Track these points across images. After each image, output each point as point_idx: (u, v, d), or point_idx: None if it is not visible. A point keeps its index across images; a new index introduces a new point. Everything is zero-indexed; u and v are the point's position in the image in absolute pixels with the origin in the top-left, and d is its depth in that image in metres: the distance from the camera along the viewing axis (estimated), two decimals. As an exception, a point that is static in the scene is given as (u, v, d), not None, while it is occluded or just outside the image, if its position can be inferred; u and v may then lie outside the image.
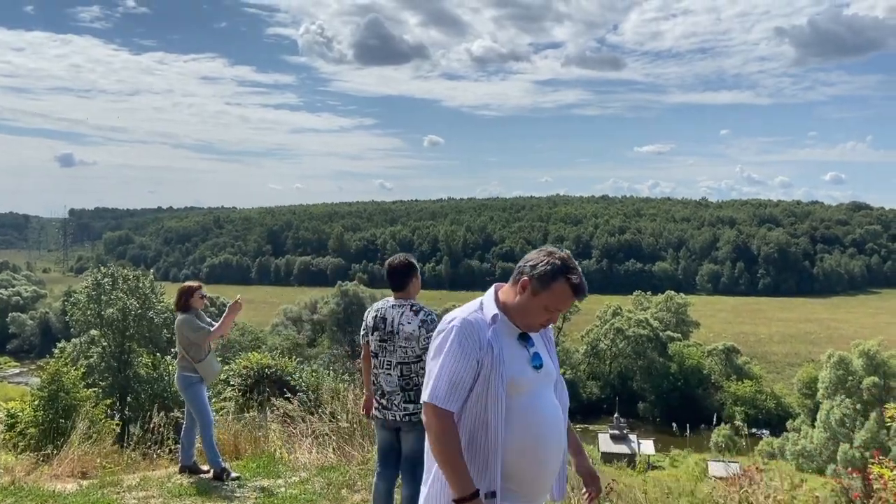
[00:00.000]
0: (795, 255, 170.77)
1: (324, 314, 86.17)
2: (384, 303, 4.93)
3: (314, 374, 11.45)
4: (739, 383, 70.02)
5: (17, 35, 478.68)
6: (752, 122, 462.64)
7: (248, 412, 9.76)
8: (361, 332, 5.05)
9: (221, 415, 9.89)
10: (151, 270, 28.36)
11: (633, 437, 52.81)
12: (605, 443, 51.74)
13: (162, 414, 9.24)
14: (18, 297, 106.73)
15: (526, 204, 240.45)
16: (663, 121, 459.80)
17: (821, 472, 48.90)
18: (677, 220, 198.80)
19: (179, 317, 7.10)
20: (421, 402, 2.70)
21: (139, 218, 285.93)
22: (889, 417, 5.00)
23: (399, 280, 4.86)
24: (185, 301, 7.14)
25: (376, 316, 4.89)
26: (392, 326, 4.75)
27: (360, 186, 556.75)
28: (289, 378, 11.02)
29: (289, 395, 9.31)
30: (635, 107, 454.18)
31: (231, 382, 11.15)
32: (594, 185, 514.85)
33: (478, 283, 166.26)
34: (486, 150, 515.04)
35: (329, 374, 11.86)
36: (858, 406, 49.49)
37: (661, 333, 74.27)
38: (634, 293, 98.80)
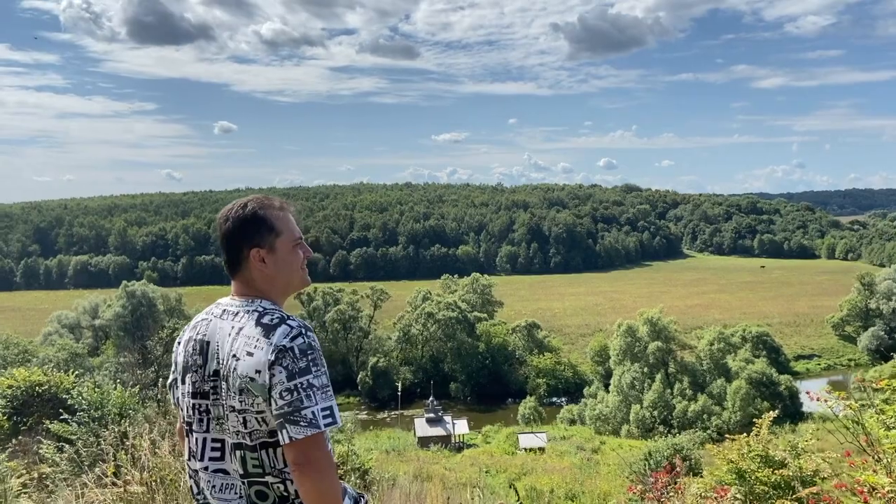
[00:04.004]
0: (581, 234, 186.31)
1: (107, 318, 77.09)
2: (210, 311, 2.50)
3: (97, 388, 9.63)
4: (541, 356, 73.92)
5: None
6: (536, 112, 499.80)
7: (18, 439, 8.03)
8: (169, 380, 2.63)
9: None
10: None
11: (447, 418, 53.19)
12: (422, 427, 51.62)
13: None
14: None
15: (330, 192, 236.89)
16: (457, 110, 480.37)
17: (615, 433, 53.03)
18: (477, 205, 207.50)
19: None
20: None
21: None
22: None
23: (230, 252, 2.46)
24: None
25: (192, 340, 2.46)
26: (217, 361, 2.35)
27: (143, 177, 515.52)
28: (66, 396, 9.45)
29: (66, 416, 8.02)
30: (430, 96, 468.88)
31: (-8, 406, 9.66)
32: (395, 172, 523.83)
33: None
34: (284, 138, 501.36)
35: (116, 386, 10.03)
36: (646, 369, 54.31)
37: (468, 315, 76.16)
38: (442, 277, 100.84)
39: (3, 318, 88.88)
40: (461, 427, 51.77)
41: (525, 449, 45.57)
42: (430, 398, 56.55)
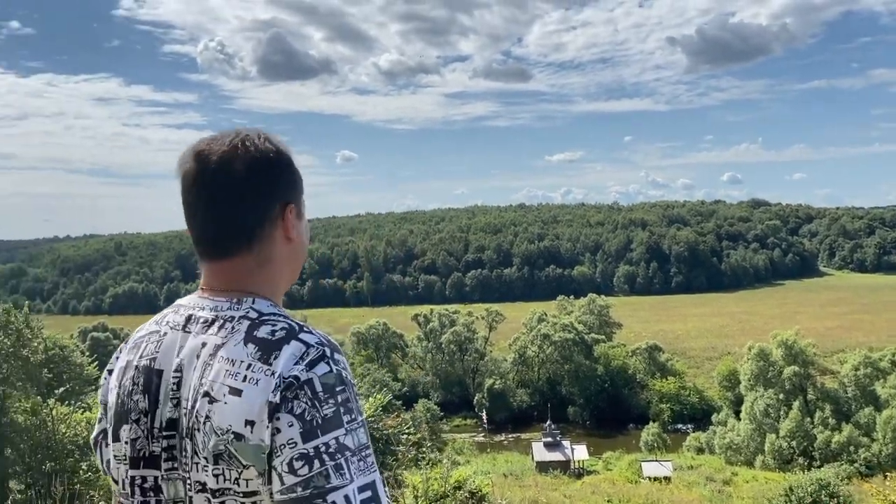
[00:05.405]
0: (704, 252, 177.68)
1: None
2: (163, 319, 1.51)
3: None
4: (664, 380, 70.89)
5: None
6: (653, 128, 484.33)
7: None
8: (94, 433, 1.57)
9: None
10: (27, 303, 24.97)
11: (566, 443, 51.93)
12: (539, 451, 50.70)
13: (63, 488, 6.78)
14: None
15: (445, 216, 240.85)
16: (571, 129, 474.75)
17: (748, 464, 49.63)
18: (592, 225, 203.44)
19: None
20: None
21: (33, 249, 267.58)
22: None
23: (237, 210, 1.42)
24: None
25: (130, 368, 1.45)
26: (175, 404, 1.36)
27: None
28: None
29: None
30: (543, 117, 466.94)
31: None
32: (509, 194, 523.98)
33: (402, 298, 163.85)
34: (401, 164, 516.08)
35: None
36: (781, 396, 50.56)
37: (586, 336, 74.44)
38: (558, 298, 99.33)
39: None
40: (580, 452, 50.36)
41: (649, 478, 43.63)
42: (548, 422, 55.48)
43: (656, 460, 47.62)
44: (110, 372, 1.53)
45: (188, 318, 1.42)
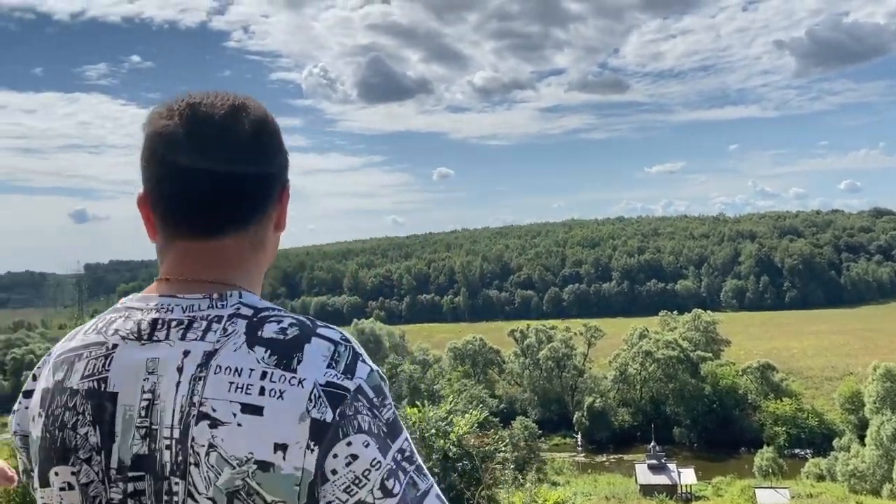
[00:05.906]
0: (821, 265, 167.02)
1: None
2: (109, 326, 1.10)
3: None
4: (778, 402, 66.80)
5: (28, 97, 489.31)
6: (761, 135, 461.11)
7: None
8: (21, 462, 1.22)
9: None
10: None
11: (671, 465, 49.91)
12: (644, 474, 48.97)
13: None
14: (32, 356, 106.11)
15: (541, 230, 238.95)
16: (671, 140, 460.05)
17: (875, 492, 45.88)
18: (696, 237, 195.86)
19: None
20: None
21: (154, 269, 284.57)
22: None
23: (241, 185, 1.11)
24: None
25: (66, 393, 1.05)
26: (145, 434, 1.00)
27: (372, 223, 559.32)
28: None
29: None
30: (642, 128, 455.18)
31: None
32: (607, 207, 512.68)
33: (498, 313, 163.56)
34: (497, 180, 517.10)
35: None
36: (912, 420, 46.50)
37: (691, 354, 71.34)
38: (660, 313, 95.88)
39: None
40: (688, 476, 48.28)
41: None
42: (652, 443, 53.54)
43: (772, 487, 45.02)
44: (27, 394, 1.14)
45: (153, 324, 1.06)
